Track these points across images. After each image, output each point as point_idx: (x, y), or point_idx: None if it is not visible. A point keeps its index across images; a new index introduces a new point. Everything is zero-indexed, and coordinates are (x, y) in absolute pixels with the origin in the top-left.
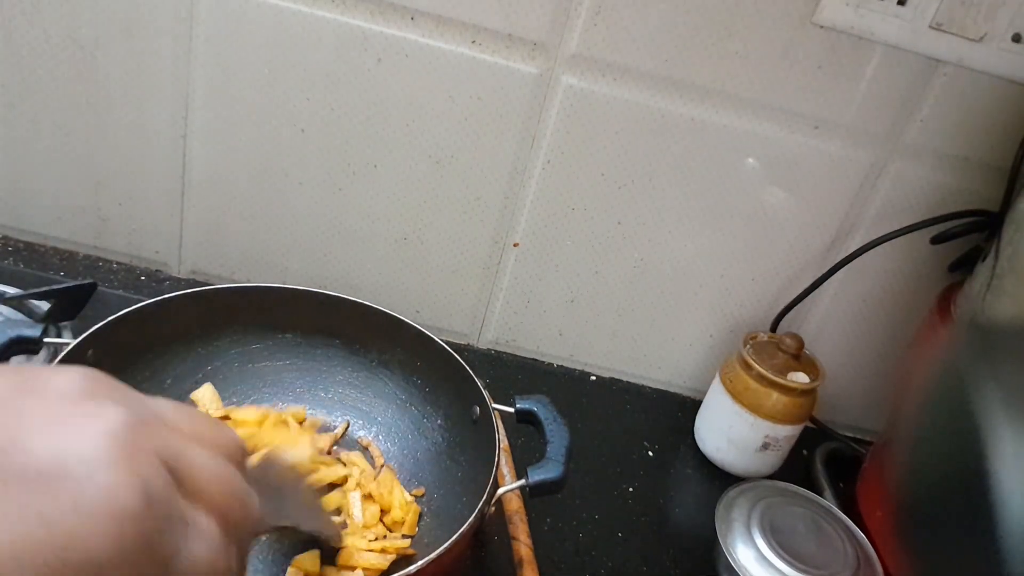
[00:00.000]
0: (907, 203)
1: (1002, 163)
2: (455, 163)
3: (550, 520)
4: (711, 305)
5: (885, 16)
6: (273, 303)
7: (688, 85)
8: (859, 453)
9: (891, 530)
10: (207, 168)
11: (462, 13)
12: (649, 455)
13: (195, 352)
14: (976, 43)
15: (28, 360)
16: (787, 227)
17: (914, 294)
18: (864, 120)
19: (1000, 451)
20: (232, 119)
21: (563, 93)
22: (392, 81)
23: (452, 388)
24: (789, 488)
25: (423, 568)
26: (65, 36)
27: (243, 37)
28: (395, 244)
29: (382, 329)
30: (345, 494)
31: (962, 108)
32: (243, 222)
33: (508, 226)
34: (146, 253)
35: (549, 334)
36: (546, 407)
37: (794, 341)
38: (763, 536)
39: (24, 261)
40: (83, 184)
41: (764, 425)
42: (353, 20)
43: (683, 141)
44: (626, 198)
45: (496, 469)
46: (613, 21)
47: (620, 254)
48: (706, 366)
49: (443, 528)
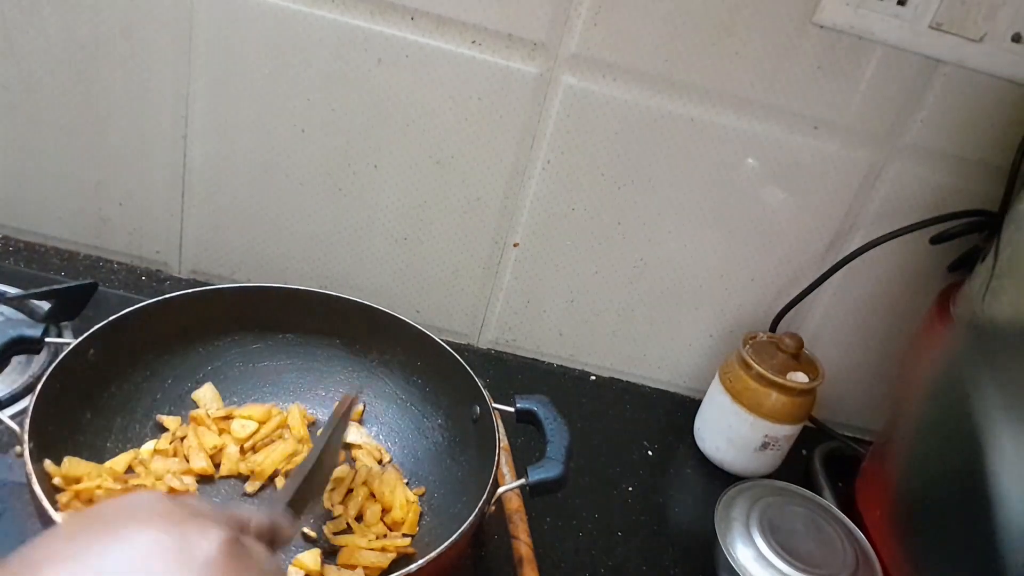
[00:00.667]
0: (907, 203)
1: (1002, 163)
2: (455, 163)
3: (550, 519)
4: (711, 305)
5: (885, 16)
6: (273, 303)
7: (688, 85)
8: (858, 453)
9: (890, 529)
10: (207, 168)
11: (462, 13)
12: (649, 455)
13: (195, 352)
14: (976, 43)
15: (29, 360)
16: (787, 227)
17: (914, 294)
18: (864, 120)
19: (999, 451)
20: (232, 119)
21: (563, 93)
22: (392, 81)
23: (452, 388)
24: (788, 487)
25: (423, 567)
26: (65, 36)
27: (243, 37)
28: (395, 244)
29: (382, 329)
30: (356, 491)
31: (962, 108)
32: (243, 222)
33: (508, 226)
34: (147, 253)
35: (549, 334)
36: (546, 407)
37: (793, 341)
38: (762, 535)
39: (24, 261)
40: (83, 184)
41: (763, 425)
42: (353, 20)
43: (683, 141)
44: (626, 198)
45: (496, 468)
46: (613, 21)
47: (620, 254)
48: (706, 366)
49: (443, 527)
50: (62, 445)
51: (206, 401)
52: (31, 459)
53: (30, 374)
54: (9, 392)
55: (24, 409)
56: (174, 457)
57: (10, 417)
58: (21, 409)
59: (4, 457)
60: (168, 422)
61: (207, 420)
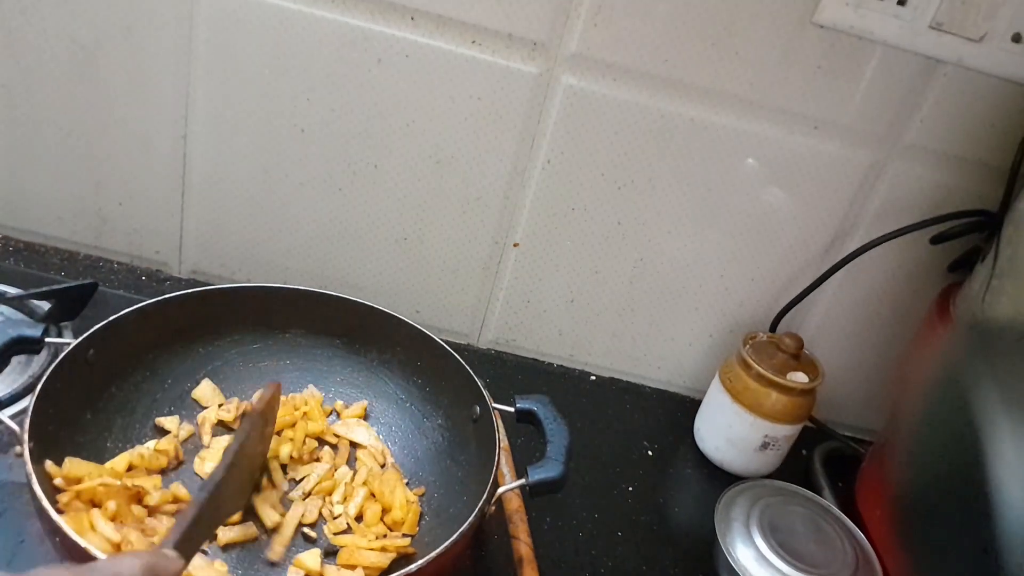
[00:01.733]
0: (906, 203)
1: (1002, 163)
2: (455, 163)
3: (550, 519)
4: (711, 305)
5: (885, 16)
6: (273, 303)
7: (688, 85)
8: (858, 453)
9: (890, 529)
10: (207, 168)
11: (462, 13)
12: (649, 455)
13: (195, 352)
14: (976, 43)
15: (29, 359)
16: (787, 227)
17: (913, 294)
18: (863, 120)
19: (999, 450)
20: (232, 119)
21: (563, 93)
22: (392, 81)
23: (452, 388)
24: (788, 487)
25: (423, 567)
26: (65, 36)
27: (243, 37)
28: (395, 244)
29: (382, 329)
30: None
31: (962, 108)
32: (243, 222)
33: (508, 226)
34: (147, 253)
35: (549, 334)
36: (546, 406)
37: (793, 341)
38: (762, 535)
39: (24, 261)
40: (83, 184)
41: (763, 425)
42: (353, 20)
43: (683, 141)
44: (626, 198)
45: (496, 468)
46: (613, 21)
47: (620, 254)
48: (706, 366)
49: (443, 527)
50: (62, 445)
51: (206, 398)
52: (31, 459)
53: (30, 374)
54: (9, 392)
55: (24, 409)
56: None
57: (10, 417)
58: (21, 409)
59: (4, 457)
60: (168, 423)
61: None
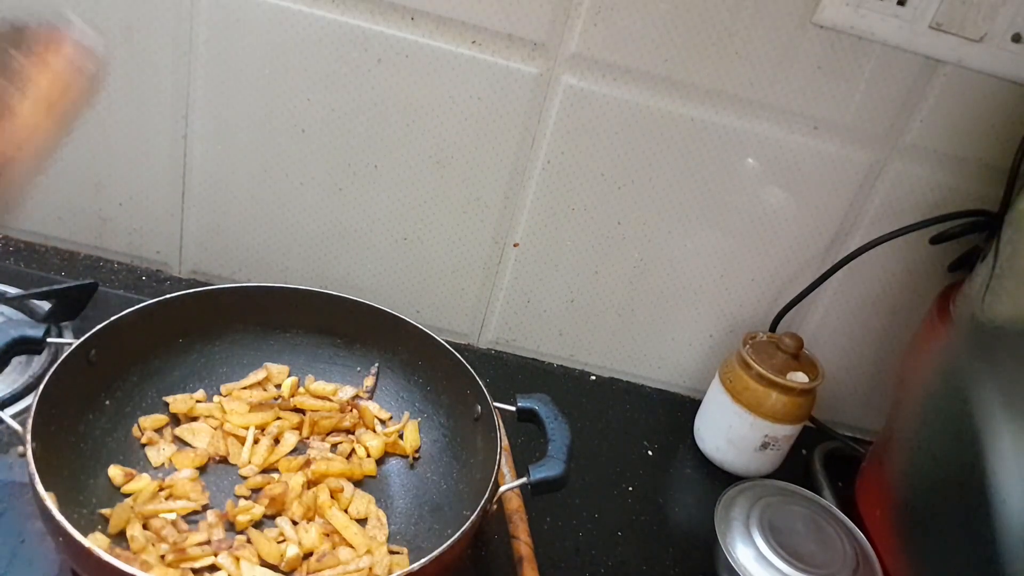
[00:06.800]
0: (906, 203)
1: (1001, 163)
2: (455, 163)
3: (550, 519)
4: (711, 305)
5: (885, 16)
6: (273, 303)
7: (688, 85)
8: (858, 453)
9: (890, 529)
10: (207, 168)
11: (462, 13)
12: (649, 455)
13: (195, 352)
14: (976, 43)
15: (29, 359)
16: (787, 227)
17: (913, 294)
18: (863, 120)
19: (999, 450)
20: (232, 119)
21: (563, 93)
22: (392, 81)
23: (453, 387)
24: (788, 487)
25: (423, 567)
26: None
27: (243, 37)
28: (395, 244)
29: (383, 329)
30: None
31: (962, 108)
32: (244, 222)
33: (508, 226)
34: (147, 253)
35: (549, 334)
36: (547, 406)
37: (793, 341)
38: (762, 535)
39: (25, 261)
40: (83, 184)
41: (763, 425)
42: (353, 20)
43: (683, 141)
44: (626, 198)
45: (497, 467)
46: (613, 21)
47: (620, 254)
48: (706, 366)
49: (444, 527)
50: (64, 445)
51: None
52: (33, 459)
53: (31, 374)
54: (10, 392)
55: (26, 409)
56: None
57: (12, 416)
58: (22, 409)
59: (5, 457)
60: (179, 402)
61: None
